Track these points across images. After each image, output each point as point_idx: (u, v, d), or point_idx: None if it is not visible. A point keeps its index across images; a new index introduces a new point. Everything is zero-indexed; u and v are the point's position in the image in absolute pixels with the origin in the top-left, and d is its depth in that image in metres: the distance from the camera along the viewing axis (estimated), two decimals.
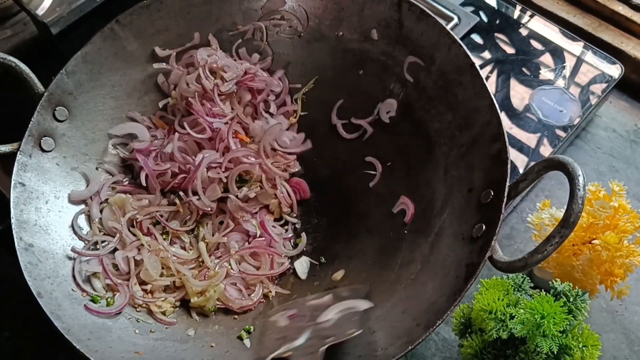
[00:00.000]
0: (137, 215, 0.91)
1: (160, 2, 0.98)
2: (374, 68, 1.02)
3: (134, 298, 0.86)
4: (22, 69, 0.88)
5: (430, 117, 0.96)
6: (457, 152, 0.92)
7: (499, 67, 1.16)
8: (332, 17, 1.02)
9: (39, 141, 0.88)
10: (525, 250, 0.98)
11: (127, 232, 0.90)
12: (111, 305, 0.84)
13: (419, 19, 0.96)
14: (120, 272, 0.88)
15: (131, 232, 0.90)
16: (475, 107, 0.91)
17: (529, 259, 0.75)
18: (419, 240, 0.90)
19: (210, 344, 0.85)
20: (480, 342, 0.80)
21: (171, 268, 0.89)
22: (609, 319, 0.98)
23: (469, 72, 0.92)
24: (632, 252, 0.85)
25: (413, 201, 0.94)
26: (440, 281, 0.83)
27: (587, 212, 0.88)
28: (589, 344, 0.78)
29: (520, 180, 0.82)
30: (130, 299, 0.86)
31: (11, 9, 1.11)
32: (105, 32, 0.94)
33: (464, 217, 0.87)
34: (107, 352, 0.77)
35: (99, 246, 0.89)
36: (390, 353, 0.75)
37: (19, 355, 0.95)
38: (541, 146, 1.06)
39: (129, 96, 0.99)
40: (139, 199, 0.93)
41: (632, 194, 1.09)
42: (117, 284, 0.86)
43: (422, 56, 0.97)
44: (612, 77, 1.14)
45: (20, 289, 0.77)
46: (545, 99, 1.12)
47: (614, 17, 1.26)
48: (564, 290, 0.81)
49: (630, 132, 1.18)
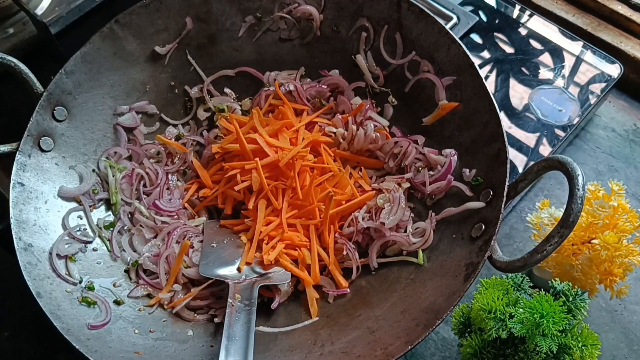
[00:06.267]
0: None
1: (159, 2, 0.98)
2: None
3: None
4: (21, 68, 0.88)
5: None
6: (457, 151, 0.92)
7: (498, 66, 1.16)
8: (332, 16, 1.03)
9: (38, 141, 0.88)
10: (524, 250, 0.99)
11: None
12: (92, 289, 0.85)
13: (418, 18, 0.96)
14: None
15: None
16: (475, 107, 0.91)
17: (528, 258, 0.75)
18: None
19: (210, 344, 0.85)
20: (479, 341, 0.81)
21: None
22: (608, 318, 0.98)
23: (468, 71, 0.92)
24: (631, 252, 0.85)
25: None
26: (439, 281, 0.83)
27: (587, 211, 0.88)
28: (588, 343, 0.78)
29: (519, 180, 0.82)
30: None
31: (10, 9, 1.11)
32: (105, 31, 0.94)
33: (463, 216, 0.87)
34: (107, 352, 0.77)
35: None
36: (389, 353, 0.75)
37: (18, 355, 0.95)
38: (540, 146, 1.06)
39: (129, 96, 0.99)
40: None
41: (631, 193, 1.09)
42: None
43: (421, 56, 0.97)
44: (611, 77, 1.14)
45: (20, 289, 0.77)
46: (545, 98, 1.12)
47: (613, 16, 1.26)
48: (564, 290, 0.81)
49: (630, 132, 1.18)
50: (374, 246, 0.91)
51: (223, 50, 1.04)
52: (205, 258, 0.90)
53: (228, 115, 1.01)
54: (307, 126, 1.00)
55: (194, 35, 1.02)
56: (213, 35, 1.03)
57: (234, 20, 1.03)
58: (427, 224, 0.90)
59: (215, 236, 0.93)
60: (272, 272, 0.89)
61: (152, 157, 1.00)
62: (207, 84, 1.04)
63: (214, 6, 1.01)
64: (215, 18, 1.02)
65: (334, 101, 1.03)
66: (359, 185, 0.96)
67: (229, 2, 1.02)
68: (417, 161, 0.96)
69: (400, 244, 0.90)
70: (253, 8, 1.03)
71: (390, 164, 0.98)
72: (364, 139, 0.98)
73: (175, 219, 0.95)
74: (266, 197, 0.93)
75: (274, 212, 0.93)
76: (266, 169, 0.93)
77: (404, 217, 0.91)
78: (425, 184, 0.92)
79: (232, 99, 1.04)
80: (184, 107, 1.05)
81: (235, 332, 0.79)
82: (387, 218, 0.90)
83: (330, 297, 0.90)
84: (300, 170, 0.93)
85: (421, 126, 0.98)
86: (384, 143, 0.98)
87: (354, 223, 0.92)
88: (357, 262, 0.91)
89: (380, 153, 0.99)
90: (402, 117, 1.01)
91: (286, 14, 1.03)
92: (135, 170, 0.97)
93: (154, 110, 1.02)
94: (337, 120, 0.99)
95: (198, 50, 1.03)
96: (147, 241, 0.93)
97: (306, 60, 1.05)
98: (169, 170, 0.99)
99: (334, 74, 1.04)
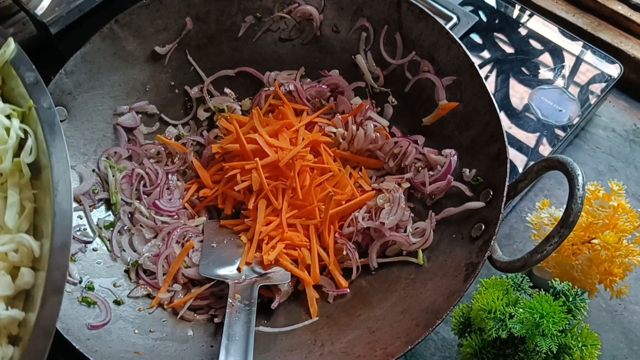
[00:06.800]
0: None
1: (159, 2, 0.98)
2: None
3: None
4: None
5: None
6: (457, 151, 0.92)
7: (498, 66, 1.16)
8: (332, 16, 1.03)
9: None
10: (524, 250, 0.99)
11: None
12: (92, 289, 0.85)
13: (418, 18, 0.96)
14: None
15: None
16: (475, 107, 0.91)
17: (528, 258, 0.75)
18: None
19: (210, 344, 0.85)
20: (479, 341, 0.80)
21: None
22: (608, 318, 0.98)
23: (468, 71, 0.92)
24: (631, 252, 0.85)
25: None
26: (439, 281, 0.83)
27: (587, 211, 0.88)
28: (588, 343, 0.78)
29: (519, 179, 0.82)
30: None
31: (10, 9, 1.11)
32: (105, 31, 0.95)
33: (463, 216, 0.87)
34: (107, 352, 0.77)
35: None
36: (389, 352, 0.75)
37: None
38: (540, 146, 1.06)
39: (128, 96, 0.99)
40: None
41: (631, 193, 1.09)
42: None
43: (421, 56, 0.97)
44: (611, 77, 1.14)
45: None
46: (545, 98, 1.12)
47: (613, 16, 1.26)
48: (563, 290, 0.81)
49: (630, 132, 1.18)
50: (373, 246, 0.91)
51: (223, 50, 1.05)
52: (205, 258, 0.90)
53: (228, 115, 1.01)
54: (307, 126, 1.00)
55: (194, 35, 1.02)
56: (213, 35, 1.03)
57: (234, 20, 1.03)
58: (427, 224, 0.90)
59: (215, 236, 0.93)
60: (272, 272, 0.89)
61: (152, 157, 1.00)
62: (207, 84, 1.04)
63: (213, 6, 1.01)
64: (215, 18, 1.02)
65: (334, 101, 1.03)
66: (358, 185, 0.96)
67: (229, 2, 1.02)
68: (417, 161, 0.96)
69: (400, 244, 0.90)
70: (253, 8, 1.03)
71: (390, 164, 0.98)
72: (363, 139, 0.98)
73: (175, 219, 0.95)
74: (266, 197, 0.93)
75: (274, 212, 0.93)
76: (266, 169, 0.93)
77: (404, 217, 0.91)
78: (425, 184, 0.93)
79: (232, 99, 1.04)
80: (184, 107, 1.06)
81: (235, 332, 0.79)
82: (387, 218, 0.90)
83: (330, 297, 0.90)
84: (300, 170, 0.93)
85: (421, 126, 0.98)
86: (384, 143, 0.98)
87: (353, 223, 0.92)
88: (357, 262, 0.91)
89: (380, 153, 0.99)
90: (402, 117, 1.01)
91: (286, 14, 1.03)
92: (135, 170, 0.97)
93: (154, 110, 1.02)
94: (337, 121, 0.99)
95: (198, 50, 1.03)
96: (147, 241, 0.93)
97: (306, 60, 1.05)
98: (169, 170, 0.99)
99: (334, 74, 1.04)
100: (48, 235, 0.62)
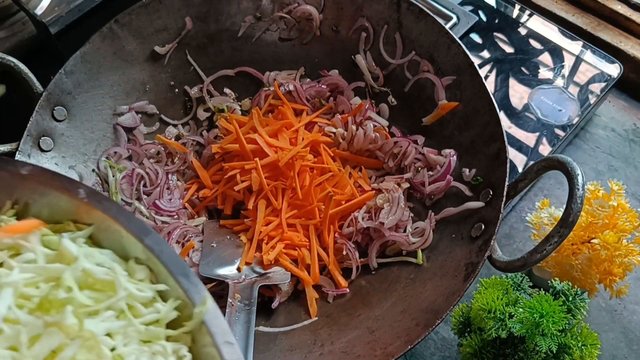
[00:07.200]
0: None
1: (159, 2, 0.98)
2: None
3: None
4: (20, 68, 0.88)
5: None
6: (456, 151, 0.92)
7: (497, 66, 1.16)
8: (332, 16, 1.03)
9: (38, 141, 0.88)
10: (524, 250, 0.99)
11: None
12: None
13: (418, 18, 0.96)
14: None
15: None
16: (474, 107, 0.91)
17: (528, 258, 0.75)
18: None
19: None
20: (479, 341, 0.80)
21: None
22: (608, 318, 0.98)
23: (468, 71, 0.92)
24: (631, 251, 0.85)
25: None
26: (439, 281, 0.83)
27: (586, 211, 0.88)
28: (588, 343, 0.78)
29: (519, 179, 0.82)
30: None
31: (10, 9, 1.11)
32: (104, 31, 0.94)
33: (463, 216, 0.87)
34: None
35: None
36: (389, 352, 0.75)
37: None
38: (540, 145, 1.06)
39: (128, 96, 0.99)
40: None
41: (631, 193, 1.09)
42: None
43: (421, 55, 0.97)
44: (611, 77, 1.14)
45: None
46: (544, 98, 1.12)
47: (612, 16, 1.26)
48: (563, 290, 0.81)
49: (629, 132, 1.18)
50: (373, 246, 0.91)
51: (223, 50, 1.05)
52: (205, 258, 0.90)
53: (228, 115, 1.01)
54: (307, 126, 0.99)
55: (193, 35, 1.02)
56: (213, 35, 1.03)
57: (234, 20, 1.03)
58: (427, 224, 0.90)
59: (215, 236, 0.93)
60: (271, 272, 0.89)
61: (152, 157, 1.00)
62: (207, 84, 1.04)
63: (213, 6, 1.01)
64: (215, 18, 1.02)
65: (333, 101, 1.03)
66: (358, 185, 0.96)
67: (229, 2, 1.02)
68: (416, 161, 0.96)
69: (399, 243, 0.90)
70: (253, 8, 1.03)
71: (390, 164, 0.98)
72: (363, 139, 0.98)
73: (175, 219, 0.95)
74: (266, 197, 0.93)
75: (273, 212, 0.93)
76: (266, 169, 0.93)
77: (404, 217, 0.91)
78: (425, 184, 0.93)
79: (231, 99, 1.04)
80: (184, 107, 1.06)
81: (235, 332, 0.79)
82: (387, 218, 0.90)
83: (330, 297, 0.90)
84: (300, 170, 0.93)
85: (421, 126, 0.98)
86: (384, 143, 0.98)
87: (353, 223, 0.92)
88: (356, 262, 0.91)
89: (380, 153, 0.99)
90: (401, 117, 1.01)
91: (286, 14, 1.03)
92: (135, 170, 0.97)
93: (154, 110, 1.02)
94: (337, 120, 0.99)
95: (198, 50, 1.03)
96: None
97: (306, 60, 1.05)
98: (169, 170, 0.99)
99: (334, 74, 1.04)
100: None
